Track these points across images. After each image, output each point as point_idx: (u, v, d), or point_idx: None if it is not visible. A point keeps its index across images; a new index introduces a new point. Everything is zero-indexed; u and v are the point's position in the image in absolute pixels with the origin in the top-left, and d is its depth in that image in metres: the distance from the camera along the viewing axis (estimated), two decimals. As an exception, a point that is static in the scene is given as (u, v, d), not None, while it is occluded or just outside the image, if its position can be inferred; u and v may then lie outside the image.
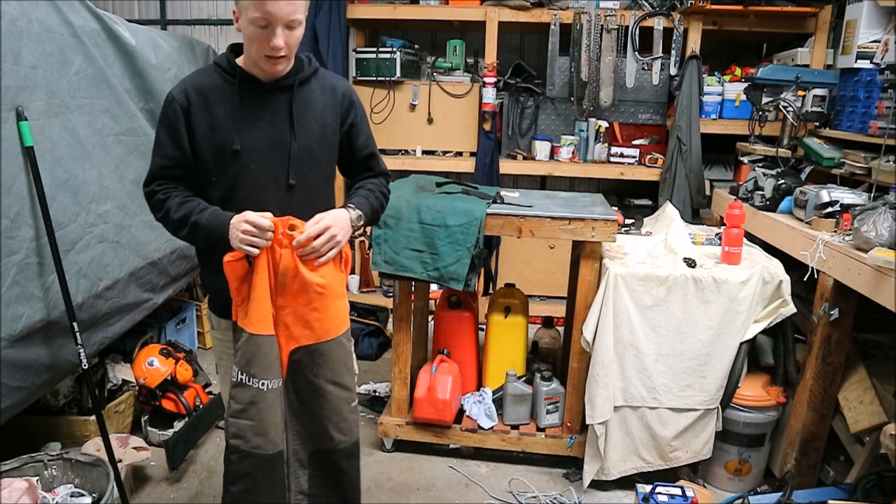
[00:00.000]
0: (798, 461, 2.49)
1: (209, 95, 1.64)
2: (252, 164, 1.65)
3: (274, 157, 1.66)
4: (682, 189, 3.78)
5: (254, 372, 1.64)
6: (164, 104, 1.65)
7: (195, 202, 1.66)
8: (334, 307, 1.72)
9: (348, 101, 1.77)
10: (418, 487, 2.63)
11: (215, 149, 1.65)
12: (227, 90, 1.64)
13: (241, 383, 1.66)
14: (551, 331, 3.28)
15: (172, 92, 1.65)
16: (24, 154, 2.02)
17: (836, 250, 2.25)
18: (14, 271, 1.98)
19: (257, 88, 1.65)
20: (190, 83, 1.66)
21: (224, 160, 1.65)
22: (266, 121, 1.66)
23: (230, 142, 1.63)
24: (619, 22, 3.79)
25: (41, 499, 2.04)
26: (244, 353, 1.65)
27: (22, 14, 2.04)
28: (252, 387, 1.65)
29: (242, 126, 1.64)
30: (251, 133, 1.64)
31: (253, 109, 1.65)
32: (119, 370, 2.84)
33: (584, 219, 2.47)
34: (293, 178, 1.68)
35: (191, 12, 4.78)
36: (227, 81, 1.65)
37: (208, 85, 1.65)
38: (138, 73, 2.67)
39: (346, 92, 1.78)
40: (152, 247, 2.72)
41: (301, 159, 1.68)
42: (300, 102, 1.68)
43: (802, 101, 3.13)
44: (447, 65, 4.19)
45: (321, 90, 1.73)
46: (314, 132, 1.70)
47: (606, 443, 2.53)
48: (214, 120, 1.63)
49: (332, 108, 1.74)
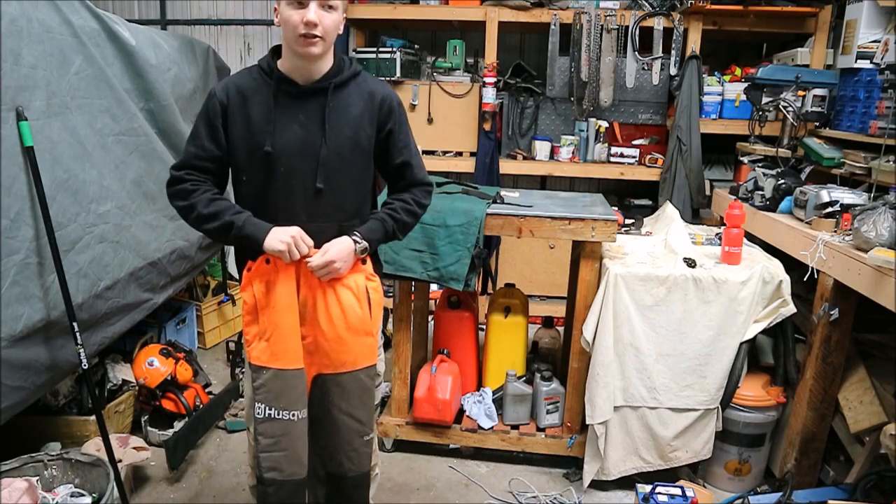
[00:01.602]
0: (798, 461, 2.49)
1: (248, 95, 1.67)
2: (282, 166, 1.67)
3: (303, 160, 1.68)
4: (682, 189, 3.77)
5: (283, 405, 1.71)
6: (207, 98, 1.70)
7: (228, 202, 1.69)
8: (352, 342, 1.76)
9: (387, 108, 1.75)
10: (418, 487, 2.63)
11: (248, 148, 1.68)
12: (264, 91, 1.67)
13: (270, 418, 1.72)
14: (551, 331, 3.28)
15: (215, 88, 1.70)
16: (24, 154, 2.01)
17: (836, 250, 2.25)
18: (14, 271, 1.97)
19: (293, 91, 1.67)
20: (232, 81, 1.71)
21: (256, 160, 1.67)
22: (299, 123, 1.67)
23: (262, 143, 1.65)
24: (619, 22, 3.79)
25: (41, 499, 2.04)
26: (270, 390, 1.71)
27: (22, 14, 2.04)
28: (282, 419, 1.72)
29: (275, 128, 1.66)
30: (283, 135, 1.66)
31: (287, 111, 1.67)
32: (119, 370, 2.84)
33: (584, 219, 2.47)
34: (321, 183, 1.69)
35: (191, 12, 4.78)
36: (266, 83, 1.68)
37: (249, 85, 1.68)
38: (138, 73, 2.67)
39: (385, 98, 1.75)
40: (152, 247, 2.72)
41: (330, 164, 1.69)
42: (335, 107, 1.69)
43: (802, 101, 3.13)
44: (447, 65, 4.19)
45: (359, 95, 1.72)
46: (346, 138, 1.70)
47: (606, 443, 2.53)
48: (250, 120, 1.66)
49: (370, 113, 1.73)
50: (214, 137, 1.69)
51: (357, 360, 1.78)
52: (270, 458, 1.72)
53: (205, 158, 1.70)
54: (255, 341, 1.72)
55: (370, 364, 1.82)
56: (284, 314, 1.70)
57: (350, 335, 1.75)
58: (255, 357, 1.71)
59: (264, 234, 1.64)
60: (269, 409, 1.70)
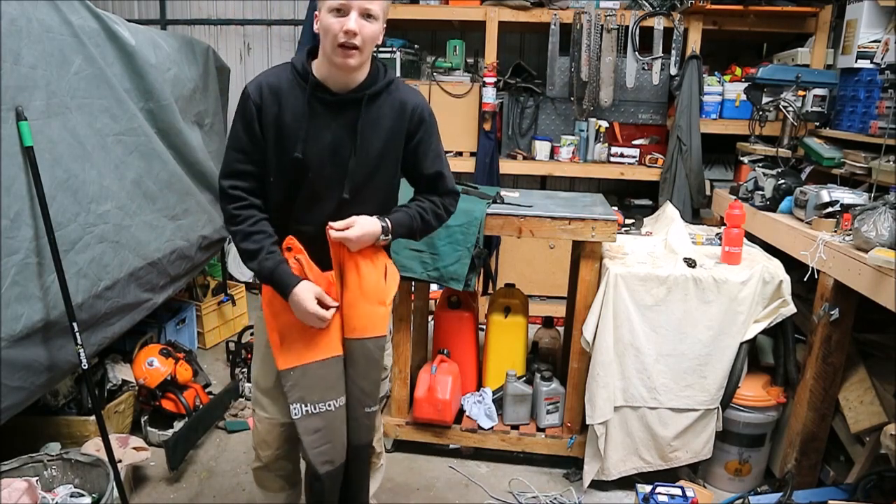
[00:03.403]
0: (798, 461, 2.48)
1: (282, 96, 1.65)
2: (310, 173, 1.67)
3: (332, 169, 1.68)
4: (682, 189, 3.77)
5: (318, 398, 1.72)
6: (241, 98, 1.68)
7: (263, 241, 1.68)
8: (364, 308, 1.76)
9: (418, 118, 1.74)
10: (418, 487, 2.63)
11: (278, 151, 1.67)
12: (298, 95, 1.65)
13: (307, 414, 1.72)
14: (551, 331, 3.28)
15: (248, 87, 1.67)
16: (23, 154, 2.01)
17: (836, 250, 2.25)
18: (14, 271, 1.97)
19: (327, 99, 1.65)
20: (265, 81, 1.67)
21: (285, 164, 1.67)
22: (331, 131, 1.66)
23: (293, 148, 1.64)
24: (619, 22, 3.79)
25: (41, 499, 2.04)
26: (301, 386, 1.71)
27: (22, 14, 2.03)
28: (319, 413, 1.73)
29: (308, 135, 1.64)
30: (314, 142, 1.65)
31: (320, 119, 1.66)
32: (119, 370, 2.84)
33: (584, 219, 2.47)
34: (347, 193, 1.68)
35: (191, 12, 4.79)
36: (300, 86, 1.65)
37: (282, 87, 1.66)
38: (138, 72, 2.66)
39: (416, 108, 1.74)
40: (152, 247, 2.72)
41: (358, 175, 1.69)
42: (367, 118, 1.67)
43: (802, 101, 3.13)
44: (447, 65, 4.18)
45: (391, 105, 1.71)
46: (376, 149, 1.70)
47: (606, 443, 2.52)
48: (282, 123, 1.65)
49: (400, 123, 1.72)
50: (253, 137, 1.67)
51: (367, 328, 1.76)
52: (319, 452, 1.73)
53: (247, 161, 1.69)
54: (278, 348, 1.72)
55: (380, 334, 1.80)
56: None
57: (363, 301, 1.74)
58: (281, 362, 1.72)
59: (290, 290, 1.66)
60: (305, 406, 1.71)
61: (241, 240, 1.69)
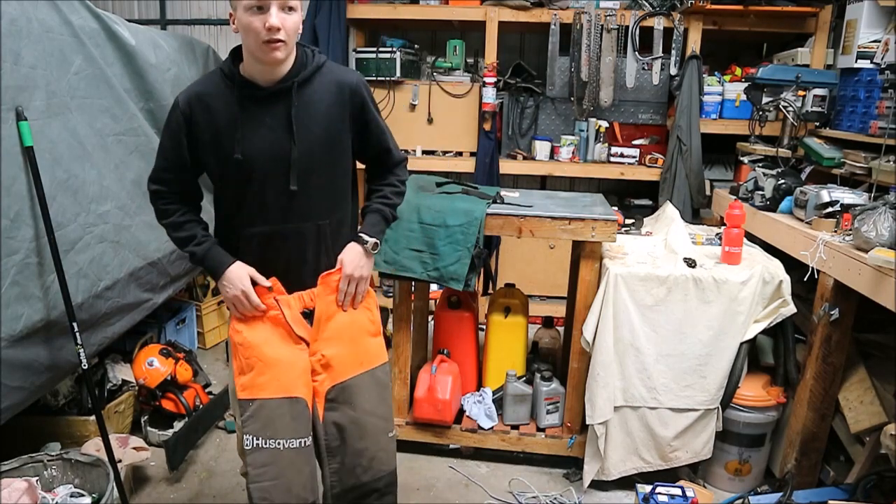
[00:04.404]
0: (798, 461, 2.48)
1: (211, 103, 1.64)
2: (253, 172, 1.65)
3: (275, 164, 1.65)
4: (682, 189, 3.77)
5: (270, 434, 1.68)
6: (171, 109, 1.68)
7: (195, 228, 1.72)
8: (364, 343, 1.80)
9: (358, 97, 1.71)
10: (418, 487, 2.63)
11: (218, 157, 1.66)
12: (228, 97, 1.63)
13: (258, 448, 1.69)
14: (551, 331, 3.28)
15: (178, 98, 1.66)
16: (23, 154, 2.01)
17: (836, 250, 2.25)
18: (14, 271, 1.97)
19: (256, 94, 1.63)
20: (194, 90, 1.67)
21: (227, 168, 1.66)
22: (267, 127, 1.64)
23: (231, 151, 1.63)
24: (619, 22, 3.79)
25: (41, 499, 2.04)
26: (257, 419, 1.69)
27: (22, 14, 2.03)
28: (268, 448, 1.68)
29: (243, 134, 1.63)
30: (252, 141, 1.63)
31: (253, 116, 1.64)
32: (119, 370, 2.84)
33: (584, 219, 2.47)
34: (294, 185, 1.66)
35: (191, 12, 4.78)
36: (229, 88, 1.64)
37: (212, 92, 1.65)
38: (138, 73, 2.67)
39: (353, 86, 1.70)
40: (152, 247, 2.72)
41: (302, 165, 1.66)
42: (301, 105, 1.64)
43: (802, 101, 3.13)
44: (447, 65, 4.18)
45: (326, 88, 1.67)
46: (317, 136, 1.67)
47: (606, 443, 2.52)
48: (216, 128, 1.64)
49: (339, 105, 1.69)
50: (177, 150, 1.67)
51: (372, 360, 1.81)
52: (260, 488, 1.68)
53: (170, 170, 1.71)
54: (238, 376, 1.73)
55: (383, 362, 1.85)
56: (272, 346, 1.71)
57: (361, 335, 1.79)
58: (240, 391, 1.72)
59: (221, 271, 1.68)
60: (256, 440, 1.68)
61: (173, 230, 1.74)
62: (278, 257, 1.72)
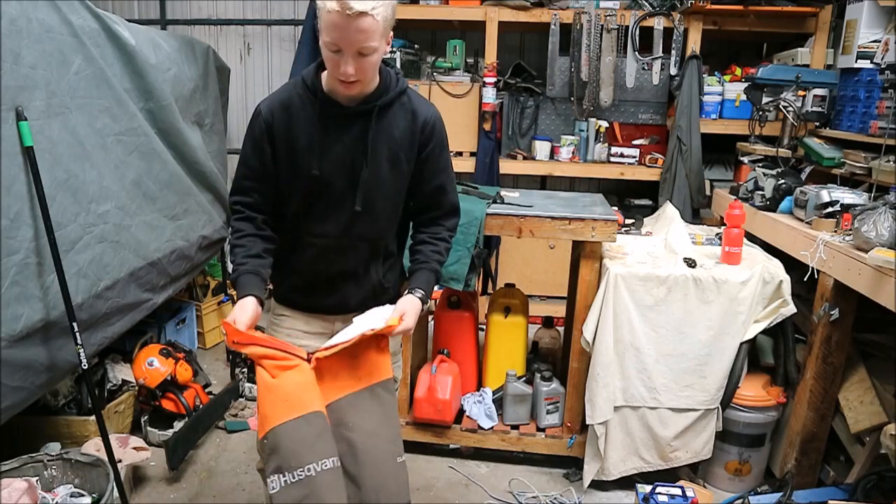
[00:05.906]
0: (798, 461, 2.49)
1: (293, 115, 1.64)
2: (325, 187, 1.66)
3: (345, 182, 1.66)
4: (682, 189, 3.77)
5: (295, 463, 1.47)
6: (252, 117, 1.68)
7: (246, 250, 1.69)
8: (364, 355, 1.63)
9: (429, 130, 1.71)
10: (418, 487, 2.63)
11: (293, 169, 1.66)
12: (309, 111, 1.63)
13: (286, 486, 1.46)
14: (551, 331, 3.28)
15: (260, 106, 1.67)
16: (23, 154, 2.01)
17: (836, 250, 2.25)
18: (14, 271, 1.97)
19: (338, 112, 1.62)
20: (277, 99, 1.66)
21: (299, 181, 1.66)
22: (342, 145, 1.64)
23: (309, 166, 1.63)
24: (619, 22, 3.79)
25: (41, 499, 2.04)
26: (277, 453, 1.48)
27: (22, 14, 2.03)
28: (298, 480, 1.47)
29: (322, 151, 1.63)
30: (327, 157, 1.64)
31: (332, 133, 1.64)
32: (119, 370, 2.84)
33: (584, 219, 2.47)
34: (359, 205, 1.66)
35: (191, 12, 4.78)
36: (311, 102, 1.63)
37: (294, 103, 1.64)
38: (138, 72, 2.66)
39: (427, 119, 1.70)
40: (152, 247, 2.71)
41: (370, 186, 1.67)
42: (379, 128, 1.64)
43: (802, 101, 3.13)
44: (447, 65, 4.18)
45: (403, 115, 1.67)
46: (386, 159, 1.67)
47: (606, 443, 2.52)
48: (295, 141, 1.64)
49: (411, 135, 1.68)
50: (261, 157, 1.67)
51: (372, 374, 1.63)
52: None
53: (252, 178, 1.70)
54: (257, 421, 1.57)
55: (387, 377, 1.66)
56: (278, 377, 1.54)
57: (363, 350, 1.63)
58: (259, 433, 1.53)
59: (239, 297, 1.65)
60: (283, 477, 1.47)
61: (230, 249, 1.75)
62: (330, 268, 1.74)
